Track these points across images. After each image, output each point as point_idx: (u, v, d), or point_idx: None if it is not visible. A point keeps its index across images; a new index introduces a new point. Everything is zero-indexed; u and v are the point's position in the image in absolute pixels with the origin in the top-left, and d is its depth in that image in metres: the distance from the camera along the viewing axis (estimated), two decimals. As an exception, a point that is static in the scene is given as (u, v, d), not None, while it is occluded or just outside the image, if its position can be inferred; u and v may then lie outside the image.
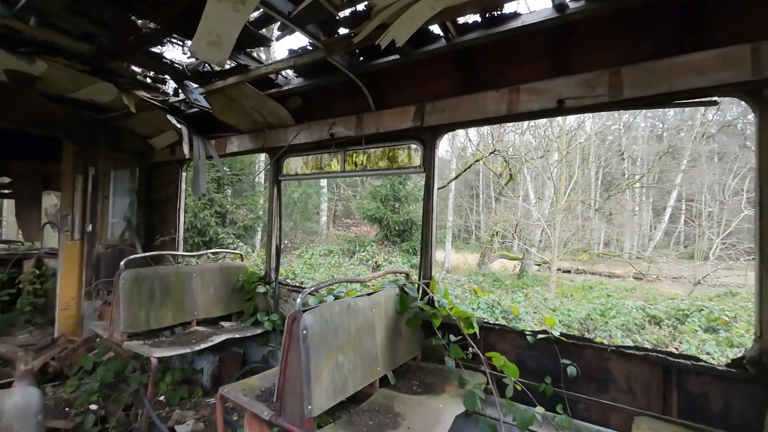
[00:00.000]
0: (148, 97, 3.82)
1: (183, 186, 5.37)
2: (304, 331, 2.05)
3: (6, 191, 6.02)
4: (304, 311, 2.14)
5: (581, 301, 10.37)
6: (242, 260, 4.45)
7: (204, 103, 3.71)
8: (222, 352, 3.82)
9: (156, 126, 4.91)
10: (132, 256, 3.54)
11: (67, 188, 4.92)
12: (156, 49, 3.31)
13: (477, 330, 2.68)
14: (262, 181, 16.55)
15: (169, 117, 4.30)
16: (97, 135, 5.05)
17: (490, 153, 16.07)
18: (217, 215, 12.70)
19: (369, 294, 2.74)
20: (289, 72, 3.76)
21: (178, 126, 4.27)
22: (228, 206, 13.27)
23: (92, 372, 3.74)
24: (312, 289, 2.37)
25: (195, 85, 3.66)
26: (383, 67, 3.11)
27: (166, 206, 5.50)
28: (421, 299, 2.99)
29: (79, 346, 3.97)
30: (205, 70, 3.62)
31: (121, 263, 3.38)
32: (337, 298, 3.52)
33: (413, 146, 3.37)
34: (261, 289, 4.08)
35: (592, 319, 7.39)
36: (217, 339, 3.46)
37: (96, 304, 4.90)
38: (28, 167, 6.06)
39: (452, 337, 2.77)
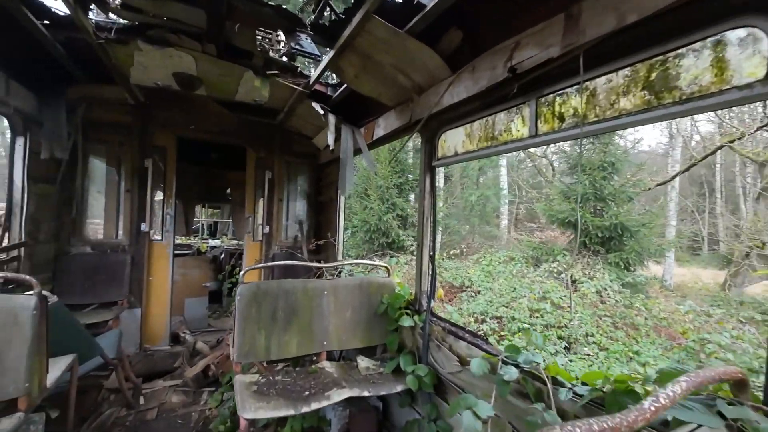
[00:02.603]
0: (276, 74, 2.95)
1: (343, 186, 4.53)
2: None
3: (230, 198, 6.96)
4: None
5: None
6: (389, 274, 3.09)
7: (313, 49, 2.54)
8: (354, 403, 2.53)
9: (313, 122, 4.20)
10: (259, 265, 2.67)
11: (250, 193, 4.81)
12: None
13: None
14: (442, 184, 15.51)
15: (314, 104, 3.40)
16: (272, 140, 4.76)
17: (759, 129, 10.05)
18: (399, 218, 12.30)
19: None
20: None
21: (321, 112, 3.31)
22: (408, 210, 12.74)
23: (237, 387, 3.11)
24: None
25: (310, 41, 2.54)
26: None
27: (329, 208, 4.81)
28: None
29: (234, 354, 3.47)
30: (331, 20, 2.43)
31: (241, 273, 2.53)
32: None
33: (735, 35, 1.19)
34: (407, 321, 2.60)
35: None
36: (336, 397, 2.16)
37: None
38: (239, 176, 6.68)
39: None
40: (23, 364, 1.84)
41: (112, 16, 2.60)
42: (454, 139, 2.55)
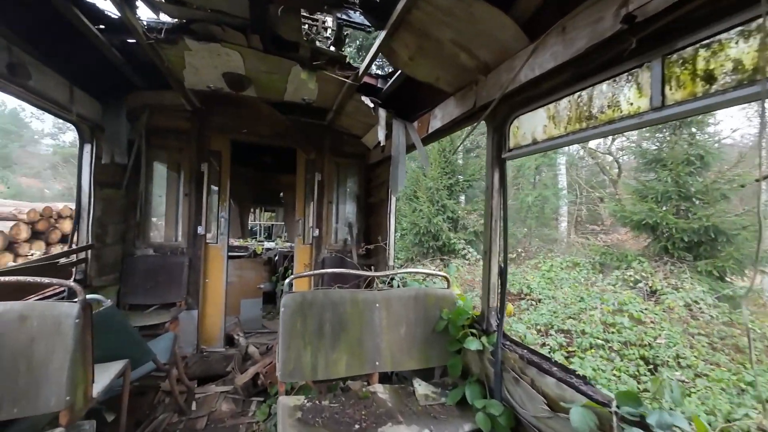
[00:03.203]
0: (323, 64, 2.66)
1: (393, 187, 4.17)
2: None
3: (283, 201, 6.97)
4: None
5: None
6: (449, 285, 2.63)
7: (363, 20, 2.18)
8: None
9: (363, 120, 3.89)
10: (306, 273, 2.39)
11: (300, 195, 4.64)
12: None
13: None
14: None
15: (364, 98, 3.07)
16: (322, 141, 4.56)
17: None
18: (449, 220, 11.70)
19: None
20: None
21: (371, 105, 2.97)
22: (459, 212, 12.07)
23: (285, 400, 2.86)
24: None
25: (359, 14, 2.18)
26: None
27: (380, 210, 4.47)
28: None
29: (282, 363, 3.24)
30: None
31: (286, 282, 2.25)
32: None
33: None
34: (473, 344, 2.13)
35: None
36: (391, 435, 1.77)
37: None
38: (291, 179, 6.63)
39: None
40: (64, 376, 1.71)
41: (162, 17, 2.51)
42: (531, 125, 2.05)
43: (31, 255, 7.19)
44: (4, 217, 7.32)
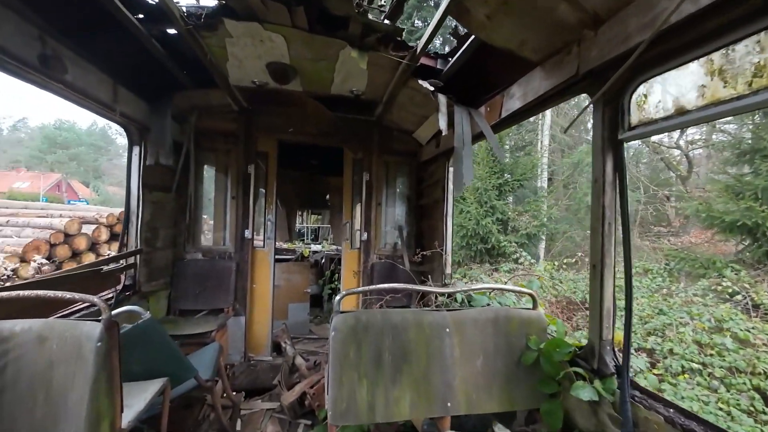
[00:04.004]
0: (375, 42, 2.19)
1: (450, 186, 3.61)
2: None
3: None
4: None
5: None
6: (535, 306, 2.02)
7: None
8: None
9: (415, 111, 3.39)
10: (358, 289, 1.93)
11: (347, 197, 4.24)
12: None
13: None
14: (545, 185, 13.29)
15: (421, 82, 2.57)
16: (371, 139, 4.12)
17: None
18: (499, 222, 10.78)
19: None
20: None
21: (431, 88, 2.46)
22: (510, 213, 11.09)
23: None
24: None
25: None
26: None
27: (433, 212, 3.93)
28: None
29: (331, 382, 2.83)
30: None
31: (336, 298, 1.80)
32: None
33: None
34: (584, 391, 1.52)
35: None
36: None
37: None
38: (337, 181, 6.29)
39: None
40: (84, 409, 1.40)
41: (202, 1, 2.22)
42: (673, 88, 1.40)
43: (109, 255, 7.58)
44: (88, 221, 7.86)
